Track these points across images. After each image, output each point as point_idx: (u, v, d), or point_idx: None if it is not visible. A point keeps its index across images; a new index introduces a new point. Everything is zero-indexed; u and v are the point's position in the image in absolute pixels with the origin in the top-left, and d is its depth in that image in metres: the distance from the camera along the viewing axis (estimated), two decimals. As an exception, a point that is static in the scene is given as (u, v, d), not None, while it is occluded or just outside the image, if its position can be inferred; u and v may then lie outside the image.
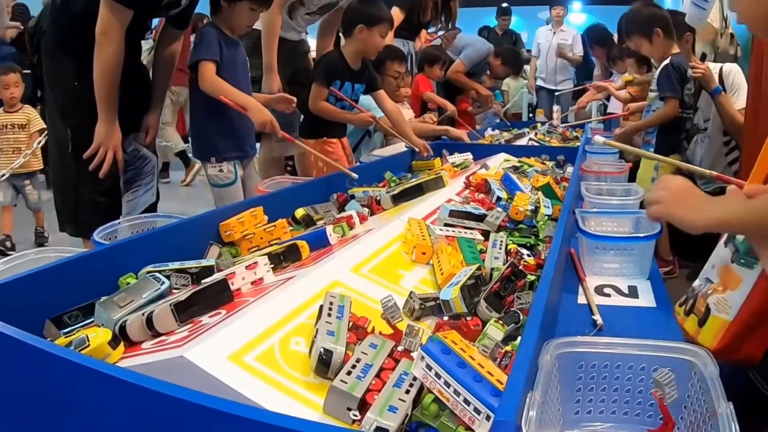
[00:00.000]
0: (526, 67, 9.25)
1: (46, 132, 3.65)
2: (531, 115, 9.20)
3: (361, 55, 3.56)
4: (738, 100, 3.88)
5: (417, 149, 3.48)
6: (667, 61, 3.69)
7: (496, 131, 4.98)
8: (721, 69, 4.03)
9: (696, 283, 1.32)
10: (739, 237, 1.23)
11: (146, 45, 3.66)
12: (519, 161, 3.31)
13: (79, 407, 0.96)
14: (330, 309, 1.20)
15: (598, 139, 1.83)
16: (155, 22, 3.34)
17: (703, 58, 4.00)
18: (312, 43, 4.32)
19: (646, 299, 1.65)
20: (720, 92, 3.85)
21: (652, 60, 3.98)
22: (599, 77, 7.05)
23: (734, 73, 3.99)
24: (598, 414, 1.11)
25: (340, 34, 3.79)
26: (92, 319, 1.33)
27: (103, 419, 0.92)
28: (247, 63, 3.15)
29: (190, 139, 3.50)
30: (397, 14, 4.77)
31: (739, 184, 1.65)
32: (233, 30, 2.97)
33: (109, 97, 2.48)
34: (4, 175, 4.90)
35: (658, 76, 3.70)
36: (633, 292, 1.70)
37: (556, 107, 6.28)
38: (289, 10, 3.81)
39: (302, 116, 3.64)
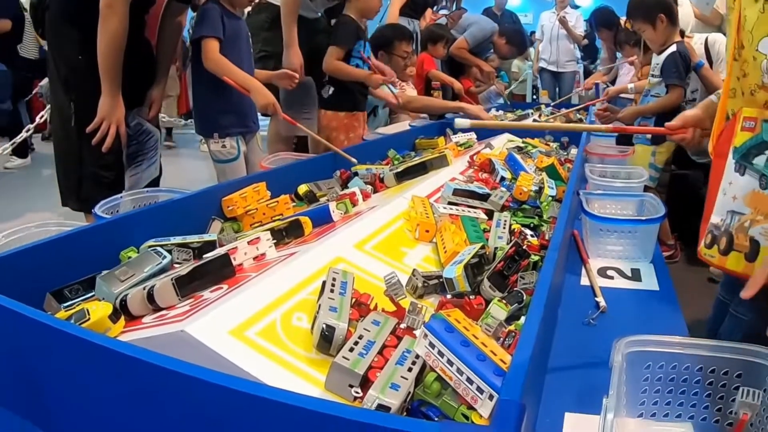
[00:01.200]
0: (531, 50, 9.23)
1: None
2: (534, 96, 9.19)
3: (362, 16, 3.59)
4: (725, 69, 3.90)
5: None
6: (673, 49, 3.66)
7: (500, 112, 4.96)
8: (706, 39, 4.04)
9: (715, 219, 1.25)
10: (759, 161, 1.18)
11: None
12: (523, 142, 3.29)
13: (78, 381, 0.95)
14: (333, 285, 1.19)
15: (460, 122, 1.73)
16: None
17: (682, 34, 3.99)
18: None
19: (649, 282, 1.65)
20: (702, 66, 3.88)
21: (649, 45, 3.94)
22: (606, 61, 7.03)
23: (719, 42, 4.01)
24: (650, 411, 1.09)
25: None
26: (93, 293, 1.33)
27: (102, 393, 0.92)
28: (249, 38, 3.14)
29: (193, 115, 3.50)
30: (402, -8, 4.76)
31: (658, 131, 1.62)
32: (234, 5, 2.95)
33: (112, 71, 2.47)
34: None
35: (664, 63, 3.68)
36: (636, 275, 1.70)
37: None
38: None
39: (331, 89, 3.63)
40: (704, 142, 1.57)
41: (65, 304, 1.29)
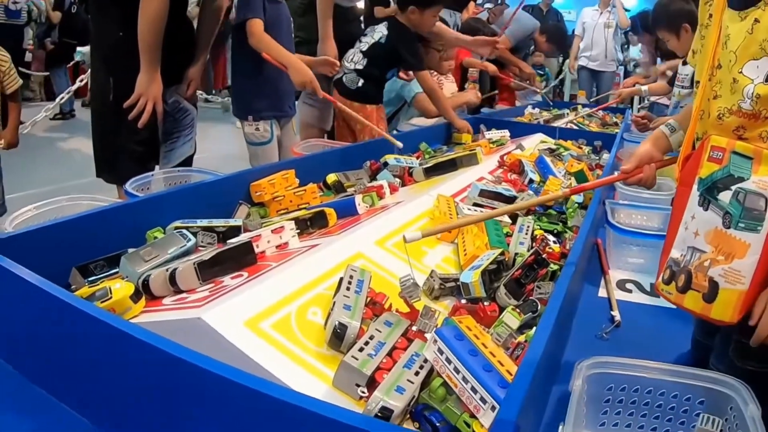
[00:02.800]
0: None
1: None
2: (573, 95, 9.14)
3: (414, 28, 3.58)
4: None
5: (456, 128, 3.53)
6: None
7: (536, 110, 4.95)
8: None
9: (675, 254, 1.21)
10: (724, 198, 1.12)
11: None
12: (555, 143, 3.29)
13: (92, 358, 0.98)
14: (349, 283, 1.21)
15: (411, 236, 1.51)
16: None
17: None
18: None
19: (668, 299, 1.65)
20: None
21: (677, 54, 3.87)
22: (646, 64, 6.96)
23: None
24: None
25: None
26: (117, 270, 1.36)
27: (113, 372, 0.95)
28: (291, 23, 3.15)
29: (231, 96, 3.53)
30: (446, -15, 4.74)
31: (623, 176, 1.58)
32: None
33: (152, 49, 2.50)
34: None
35: (693, 75, 3.62)
36: (655, 291, 1.69)
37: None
38: None
39: (361, 81, 3.64)
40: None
41: (89, 279, 1.33)
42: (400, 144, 2.42)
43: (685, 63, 3.67)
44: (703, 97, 1.22)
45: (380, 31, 3.51)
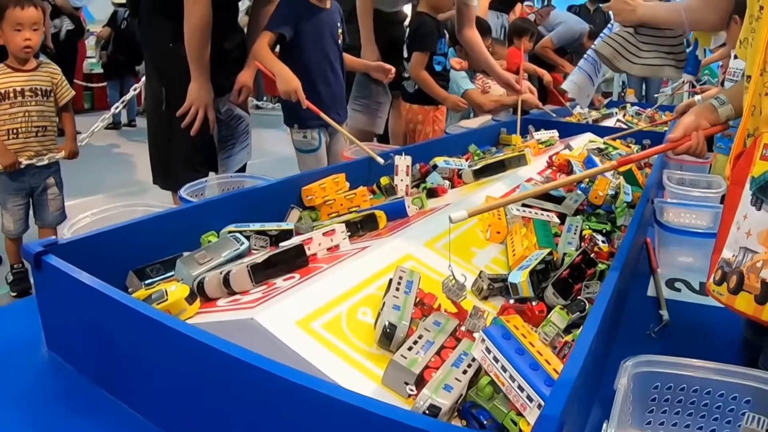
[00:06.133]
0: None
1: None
2: (622, 93, 9.04)
3: (435, 11, 3.69)
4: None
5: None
6: None
7: (585, 109, 4.92)
8: None
9: (727, 254, 1.16)
10: None
11: (242, 6, 3.74)
12: (604, 143, 3.27)
13: (149, 358, 1.03)
14: (399, 283, 1.23)
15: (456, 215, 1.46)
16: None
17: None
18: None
19: (717, 299, 1.64)
20: None
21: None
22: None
23: None
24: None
25: None
26: (173, 273, 1.40)
27: (170, 371, 0.99)
28: (337, 29, 3.15)
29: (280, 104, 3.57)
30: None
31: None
32: None
33: (199, 58, 2.56)
34: (20, 164, 3.33)
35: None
36: (704, 290, 1.68)
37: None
38: None
39: (416, 84, 3.71)
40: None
41: (146, 282, 1.37)
42: (381, 160, 2.36)
43: (736, 57, 3.61)
44: (755, 93, 1.19)
45: (407, 32, 3.60)
